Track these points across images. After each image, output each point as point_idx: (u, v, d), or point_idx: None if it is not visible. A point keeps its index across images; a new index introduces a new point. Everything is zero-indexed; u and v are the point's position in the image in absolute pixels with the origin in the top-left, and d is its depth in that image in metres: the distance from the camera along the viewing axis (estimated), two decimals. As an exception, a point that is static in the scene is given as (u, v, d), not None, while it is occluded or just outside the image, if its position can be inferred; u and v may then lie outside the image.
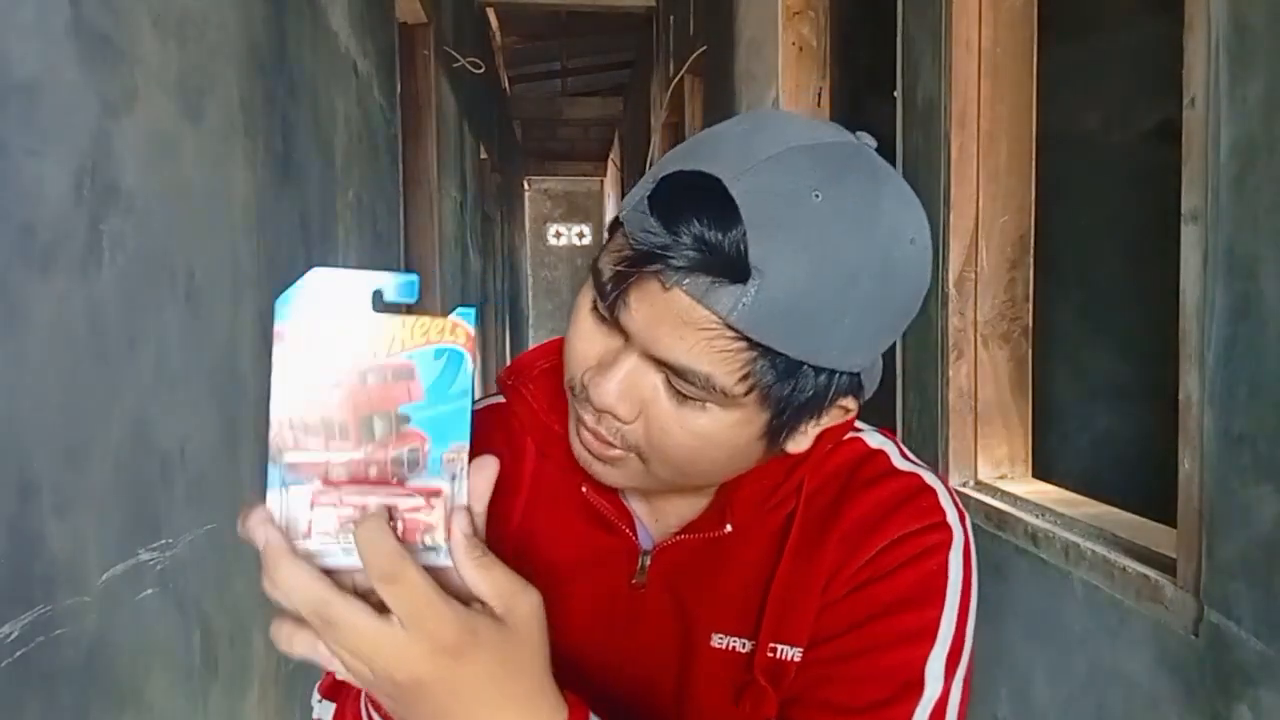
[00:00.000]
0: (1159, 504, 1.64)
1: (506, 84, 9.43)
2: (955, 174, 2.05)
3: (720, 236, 0.56)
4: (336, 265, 2.44)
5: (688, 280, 0.57)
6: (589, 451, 0.67)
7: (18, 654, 1.01)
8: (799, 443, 0.67)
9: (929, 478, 0.73)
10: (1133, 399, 3.28)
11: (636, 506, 0.75)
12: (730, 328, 0.58)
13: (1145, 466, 3.14)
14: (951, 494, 0.73)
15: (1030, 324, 2.10)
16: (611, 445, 0.65)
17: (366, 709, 0.66)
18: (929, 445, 2.16)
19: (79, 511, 1.14)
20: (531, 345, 0.84)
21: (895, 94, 2.34)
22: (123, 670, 1.24)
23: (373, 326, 0.51)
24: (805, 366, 0.60)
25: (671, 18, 6.08)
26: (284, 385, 0.51)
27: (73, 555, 1.12)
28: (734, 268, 0.57)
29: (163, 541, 1.35)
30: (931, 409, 2.15)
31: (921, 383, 2.22)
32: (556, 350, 0.76)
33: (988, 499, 1.97)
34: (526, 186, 14.82)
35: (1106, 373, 3.31)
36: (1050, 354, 3.13)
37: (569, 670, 0.58)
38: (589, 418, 0.65)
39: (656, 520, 0.75)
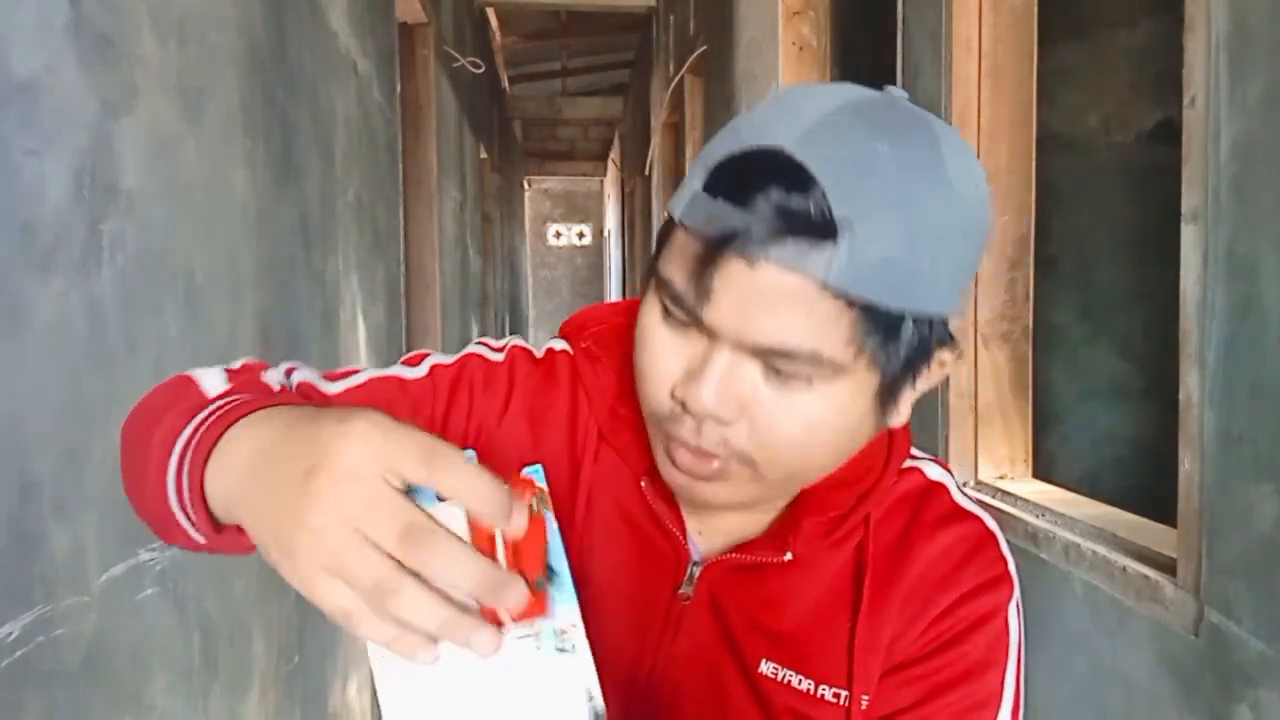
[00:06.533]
0: (1159, 504, 1.64)
1: (506, 84, 9.44)
2: (955, 174, 2.04)
3: (802, 199, 0.55)
4: (336, 266, 2.44)
5: (775, 248, 0.55)
6: (690, 473, 0.64)
7: (18, 654, 1.01)
8: (899, 415, 0.65)
9: (989, 522, 0.72)
10: (1133, 399, 3.28)
11: (685, 518, 0.72)
12: (829, 290, 0.56)
13: (1145, 466, 3.15)
14: (1003, 538, 0.73)
15: (1030, 324, 2.10)
16: (714, 457, 0.62)
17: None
18: (930, 446, 2.16)
19: (79, 511, 1.14)
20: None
21: (895, 94, 2.33)
22: (123, 670, 1.24)
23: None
24: (907, 319, 0.58)
25: (671, 18, 6.08)
26: None
27: (73, 555, 1.12)
28: (822, 227, 0.55)
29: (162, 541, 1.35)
30: (932, 409, 2.15)
31: (921, 383, 2.21)
32: (630, 310, 0.72)
33: (988, 499, 1.97)
34: (526, 186, 14.82)
35: (1106, 373, 3.31)
36: (1050, 354, 3.13)
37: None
38: (687, 434, 0.62)
39: (701, 533, 0.72)
